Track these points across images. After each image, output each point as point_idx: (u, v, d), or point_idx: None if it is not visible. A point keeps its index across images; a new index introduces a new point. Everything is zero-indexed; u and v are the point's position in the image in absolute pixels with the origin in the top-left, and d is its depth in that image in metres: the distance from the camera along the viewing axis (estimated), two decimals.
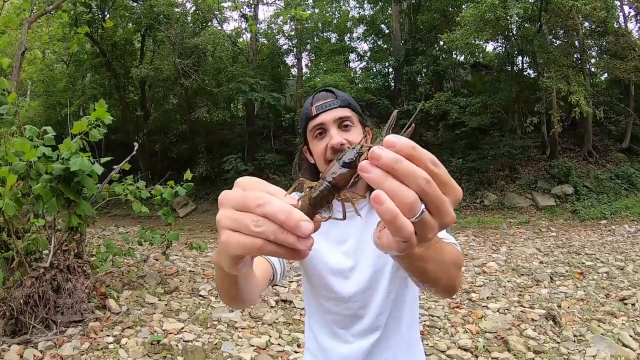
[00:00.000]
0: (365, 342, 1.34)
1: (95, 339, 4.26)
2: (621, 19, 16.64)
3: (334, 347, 1.38)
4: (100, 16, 17.29)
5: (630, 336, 4.32)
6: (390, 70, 21.68)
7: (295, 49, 22.73)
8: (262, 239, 0.52)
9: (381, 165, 0.50)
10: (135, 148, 6.16)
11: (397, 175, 0.50)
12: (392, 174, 0.50)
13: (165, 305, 5.50)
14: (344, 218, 0.60)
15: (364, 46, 24.75)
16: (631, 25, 16.78)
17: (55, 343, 4.07)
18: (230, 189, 0.59)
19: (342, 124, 1.32)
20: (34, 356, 3.83)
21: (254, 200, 0.53)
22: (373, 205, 0.50)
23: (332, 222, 1.20)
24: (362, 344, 1.34)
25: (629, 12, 16.60)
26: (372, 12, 23.33)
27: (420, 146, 0.52)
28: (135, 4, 18.74)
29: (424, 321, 4.94)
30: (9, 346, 3.94)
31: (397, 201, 0.50)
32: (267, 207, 0.52)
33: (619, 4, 15.86)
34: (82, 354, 3.94)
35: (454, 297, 5.87)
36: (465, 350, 4.21)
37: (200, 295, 6.00)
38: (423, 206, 0.52)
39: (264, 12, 43.74)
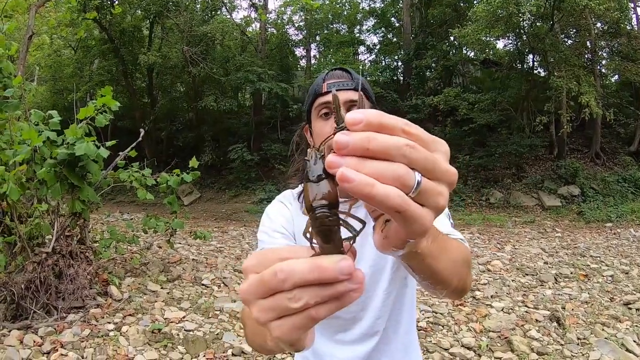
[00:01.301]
0: (364, 347, 1.29)
1: (95, 325, 4.25)
2: (634, 20, 16.47)
3: (332, 351, 1.33)
4: (108, 2, 17.21)
5: (634, 341, 4.28)
6: (400, 64, 21.55)
7: (304, 40, 22.65)
8: (311, 309, 0.46)
9: (351, 152, 0.43)
10: (142, 135, 6.13)
11: (375, 155, 0.42)
12: (368, 156, 0.43)
13: (167, 293, 5.48)
14: (357, 234, 0.50)
15: (373, 39, 24.73)
16: None
17: (55, 329, 4.05)
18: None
19: (352, 109, 1.08)
20: (34, 342, 3.82)
21: (274, 278, 0.46)
22: (343, 187, 0.43)
23: None
24: (361, 349, 1.29)
25: None
26: (382, 5, 23.18)
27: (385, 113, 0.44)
28: None
29: (428, 317, 4.91)
30: (9, 331, 3.93)
31: (387, 182, 0.42)
32: (293, 276, 0.45)
33: (632, 5, 15.69)
34: (82, 341, 3.93)
35: None
36: (469, 348, 4.18)
37: (203, 284, 5.98)
38: (418, 174, 0.44)
39: (274, 2, 43.70)
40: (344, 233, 0.50)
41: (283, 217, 1.31)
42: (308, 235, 0.49)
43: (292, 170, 1.38)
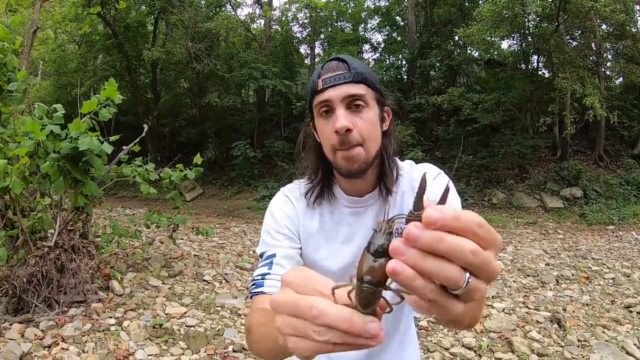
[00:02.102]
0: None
1: (97, 320, 4.26)
2: (639, 23, 16.42)
3: None
4: None
5: (635, 344, 4.27)
6: (404, 62, 21.51)
7: (308, 38, 22.63)
8: (329, 344, 0.51)
9: (418, 247, 0.45)
10: (145, 130, 6.14)
11: (439, 254, 0.45)
12: (432, 253, 0.45)
13: (169, 289, 5.49)
14: (391, 310, 0.54)
15: (378, 37, 24.65)
16: None
17: (57, 323, 4.07)
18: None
19: (353, 104, 1.10)
20: (35, 335, 3.83)
21: (308, 310, 0.51)
22: (388, 274, 0.47)
23: (341, 220, 1.19)
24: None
25: None
26: (387, 3, 23.13)
27: (463, 211, 0.47)
28: None
29: (428, 317, 4.91)
30: (11, 324, 3.94)
31: (439, 280, 0.46)
32: (324, 318, 0.50)
33: (638, 8, 15.63)
34: (84, 335, 3.94)
35: None
36: (469, 348, 4.18)
37: (205, 280, 5.99)
38: (468, 275, 0.46)
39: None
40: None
41: (287, 216, 1.26)
42: (352, 295, 0.52)
43: (301, 168, 1.33)
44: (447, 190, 0.50)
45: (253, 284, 1.10)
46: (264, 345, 0.86)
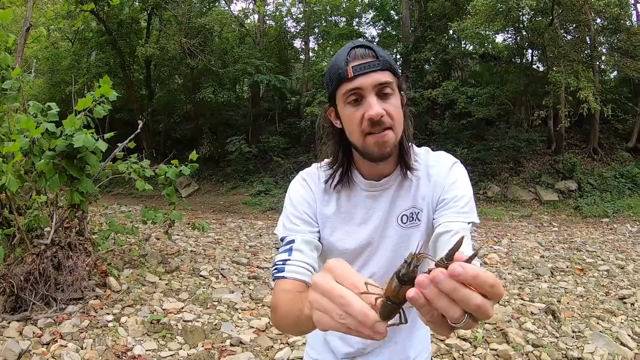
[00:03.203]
0: None
1: (95, 316, 4.27)
2: (634, 17, 16.48)
3: None
4: None
5: (629, 335, 4.31)
6: (398, 57, 21.51)
7: (302, 32, 22.59)
8: (345, 327, 0.65)
9: (439, 288, 0.57)
10: (140, 126, 6.13)
11: (452, 298, 0.57)
12: (447, 295, 0.57)
13: (166, 284, 5.51)
14: (406, 322, 0.68)
15: (372, 31, 24.64)
16: None
17: (55, 320, 4.07)
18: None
19: (382, 91, 1.12)
20: (34, 333, 3.84)
21: (338, 298, 0.65)
22: (408, 300, 0.60)
23: (357, 203, 1.30)
24: None
25: None
26: None
27: (483, 271, 0.57)
28: None
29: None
30: (9, 323, 3.95)
31: (447, 315, 0.59)
32: (348, 308, 0.64)
33: (632, 1, 15.69)
34: (82, 332, 3.95)
35: None
36: (464, 340, 4.21)
37: (201, 276, 6.01)
38: (467, 316, 0.59)
39: None
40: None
41: (305, 201, 1.30)
42: (378, 303, 0.66)
43: (322, 154, 1.34)
44: (475, 255, 0.60)
45: (275, 269, 1.19)
46: (291, 319, 1.00)
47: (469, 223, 1.19)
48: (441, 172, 1.27)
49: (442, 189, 1.25)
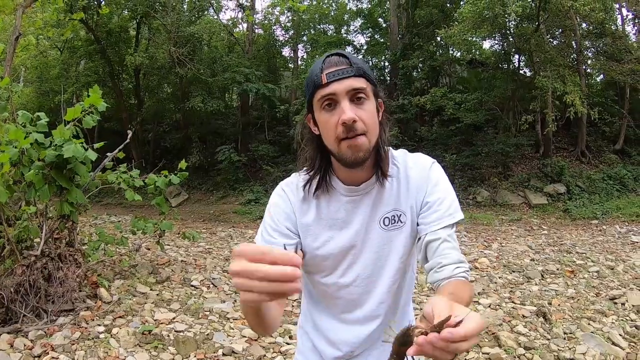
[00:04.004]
0: (365, 329, 1.35)
1: (86, 328, 4.24)
2: (619, 21, 16.71)
3: (335, 328, 1.39)
4: (95, 2, 17.11)
5: (620, 335, 4.34)
6: (386, 64, 21.64)
7: (291, 41, 22.66)
8: (268, 291, 0.72)
9: (434, 345, 0.73)
10: (129, 136, 6.11)
11: (442, 350, 0.74)
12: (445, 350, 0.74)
13: (157, 295, 5.48)
14: None
15: (360, 39, 24.75)
16: (628, 28, 16.90)
17: (46, 332, 4.04)
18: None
19: (356, 97, 1.16)
20: (25, 345, 3.80)
21: (254, 272, 0.71)
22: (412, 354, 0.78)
23: (339, 208, 1.32)
24: (362, 330, 1.35)
25: (627, 15, 16.69)
26: (369, 6, 23.26)
27: (468, 329, 0.73)
28: None
29: (416, 315, 4.94)
30: (0, 335, 3.92)
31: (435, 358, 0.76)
32: (263, 273, 0.71)
33: (617, 6, 15.91)
34: (73, 344, 3.92)
35: None
36: None
37: (192, 286, 5.98)
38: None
39: (262, 2, 43.64)
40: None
41: (283, 212, 1.32)
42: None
43: (300, 161, 1.37)
44: (460, 322, 0.75)
45: None
46: (253, 321, 1.13)
47: (454, 224, 1.25)
48: (422, 174, 1.30)
49: (424, 192, 1.28)
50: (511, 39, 15.45)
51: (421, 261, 1.27)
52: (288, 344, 4.25)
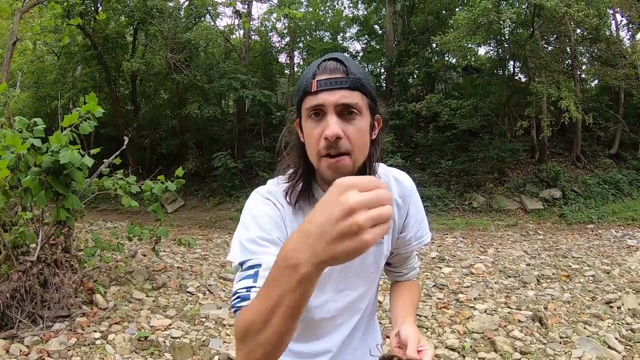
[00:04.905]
0: (339, 337, 1.32)
1: (82, 334, 4.23)
2: (613, 27, 16.83)
3: (306, 347, 1.31)
4: (93, 8, 17.11)
5: (616, 338, 4.37)
6: (382, 70, 21.72)
7: (287, 47, 22.72)
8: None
9: None
10: (126, 142, 6.12)
11: None
12: None
13: (153, 301, 5.47)
14: None
15: (356, 46, 24.80)
16: (623, 34, 16.97)
17: (41, 338, 4.03)
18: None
19: (346, 111, 1.04)
20: (21, 351, 3.80)
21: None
22: None
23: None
24: (335, 340, 1.31)
25: (621, 21, 16.78)
26: (365, 13, 23.35)
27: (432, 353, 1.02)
28: None
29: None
30: None
31: None
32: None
33: (611, 12, 16.02)
34: (69, 350, 3.91)
35: (442, 297, 5.91)
36: (453, 350, 4.23)
37: (188, 292, 5.98)
38: None
39: (258, 9, 43.74)
40: None
41: (272, 220, 1.16)
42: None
43: (281, 166, 1.28)
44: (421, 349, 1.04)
45: (237, 297, 0.99)
46: (266, 335, 0.80)
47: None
48: (404, 194, 1.29)
49: (405, 213, 1.30)
50: (506, 45, 15.52)
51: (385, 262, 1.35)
52: None
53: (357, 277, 1.27)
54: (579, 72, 15.94)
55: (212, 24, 20.80)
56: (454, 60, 19.59)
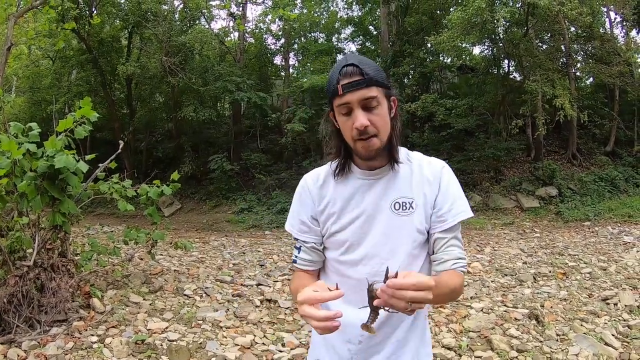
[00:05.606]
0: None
1: (79, 338, 4.23)
2: (607, 24, 16.89)
3: (343, 310, 1.28)
4: (87, 12, 17.08)
5: (613, 335, 4.38)
6: None
7: (282, 49, 22.72)
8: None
9: (386, 294, 1.03)
10: (121, 146, 6.12)
11: (393, 297, 1.02)
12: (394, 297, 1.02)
13: (150, 304, 5.47)
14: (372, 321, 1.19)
15: (351, 47, 24.85)
16: (617, 31, 17.06)
17: (39, 342, 4.03)
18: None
19: (368, 104, 1.34)
20: (18, 356, 3.79)
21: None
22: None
23: (354, 189, 1.51)
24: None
25: (615, 18, 16.86)
26: (360, 14, 23.39)
27: (407, 281, 1.02)
28: (123, 0, 18.54)
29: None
30: None
31: (396, 308, 1.05)
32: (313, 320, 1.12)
33: (605, 10, 16.08)
34: (67, 354, 3.91)
35: None
36: (449, 349, 4.24)
37: (185, 295, 5.97)
38: (410, 303, 1.03)
39: (252, 12, 43.72)
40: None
41: (306, 205, 1.56)
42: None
43: (327, 150, 1.57)
44: (396, 274, 1.05)
45: (293, 258, 1.60)
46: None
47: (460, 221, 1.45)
48: (434, 173, 1.48)
49: (436, 190, 1.46)
50: (500, 45, 15.56)
51: (430, 252, 1.48)
52: (280, 351, 4.26)
53: (388, 246, 1.45)
54: (573, 70, 16.00)
55: (207, 26, 20.81)
56: (448, 60, 19.63)
